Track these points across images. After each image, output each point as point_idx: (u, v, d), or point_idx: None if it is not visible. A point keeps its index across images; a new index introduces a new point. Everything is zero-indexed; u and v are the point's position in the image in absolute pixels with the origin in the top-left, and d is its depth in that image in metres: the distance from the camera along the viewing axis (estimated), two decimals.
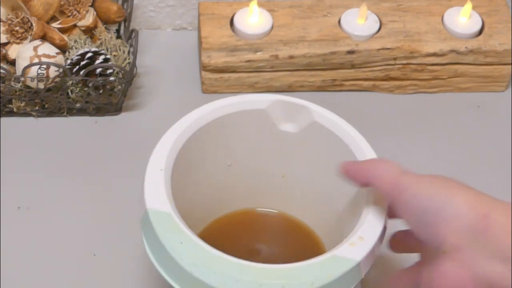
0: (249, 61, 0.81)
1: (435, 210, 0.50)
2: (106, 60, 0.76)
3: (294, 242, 0.68)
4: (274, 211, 0.69)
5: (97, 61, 0.76)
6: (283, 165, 0.67)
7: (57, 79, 0.76)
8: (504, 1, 0.87)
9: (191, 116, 0.62)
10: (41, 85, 0.76)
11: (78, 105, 0.79)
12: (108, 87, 0.78)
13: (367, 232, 0.55)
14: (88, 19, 0.81)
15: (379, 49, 0.82)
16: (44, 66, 0.74)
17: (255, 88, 0.84)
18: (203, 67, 0.82)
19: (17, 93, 0.78)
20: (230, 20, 0.84)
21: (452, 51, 0.82)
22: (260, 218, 0.69)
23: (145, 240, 0.56)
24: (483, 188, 0.77)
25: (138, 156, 0.63)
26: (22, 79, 0.75)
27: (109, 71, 0.76)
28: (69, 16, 0.81)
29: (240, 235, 0.68)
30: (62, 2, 0.80)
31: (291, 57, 0.82)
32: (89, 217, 0.73)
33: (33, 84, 0.76)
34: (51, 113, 0.80)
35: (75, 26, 0.81)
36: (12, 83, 0.76)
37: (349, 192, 0.61)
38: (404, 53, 0.82)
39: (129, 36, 0.82)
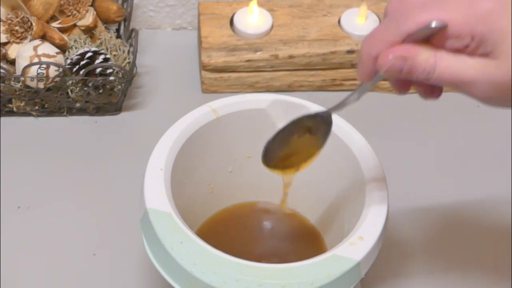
0: (249, 60, 0.81)
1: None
2: (106, 60, 0.76)
3: (294, 236, 0.68)
4: (276, 204, 0.69)
5: (97, 61, 0.76)
6: None
7: (57, 79, 0.76)
8: None
9: (191, 115, 0.62)
10: (41, 85, 0.76)
11: (78, 104, 0.79)
12: (108, 86, 0.78)
13: (367, 232, 0.55)
14: (88, 18, 0.81)
15: None
16: (44, 66, 0.74)
17: (255, 88, 0.84)
18: (203, 67, 0.82)
19: (17, 93, 0.77)
20: (230, 19, 0.84)
21: None
22: (260, 211, 0.69)
23: (145, 240, 0.56)
24: (483, 188, 0.78)
25: (138, 156, 0.63)
26: (22, 78, 0.75)
27: (109, 70, 0.76)
28: (69, 16, 0.81)
29: (240, 229, 0.68)
30: (62, 2, 0.80)
31: (291, 56, 0.82)
32: (89, 217, 0.72)
33: (33, 84, 0.76)
34: (51, 113, 0.80)
35: (75, 25, 0.81)
36: (12, 83, 0.76)
37: (350, 192, 0.61)
38: None
39: (129, 35, 0.82)
